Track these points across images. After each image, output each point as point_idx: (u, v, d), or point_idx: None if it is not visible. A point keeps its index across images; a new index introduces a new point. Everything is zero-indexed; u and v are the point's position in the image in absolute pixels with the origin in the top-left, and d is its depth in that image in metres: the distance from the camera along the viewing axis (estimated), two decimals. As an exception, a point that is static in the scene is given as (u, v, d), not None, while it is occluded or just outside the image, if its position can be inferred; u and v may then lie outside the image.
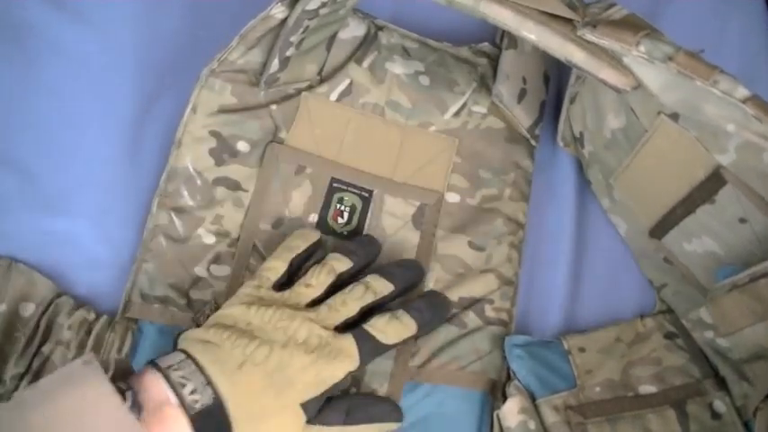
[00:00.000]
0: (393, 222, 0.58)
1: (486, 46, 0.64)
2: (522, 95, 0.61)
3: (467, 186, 0.60)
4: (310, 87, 0.60)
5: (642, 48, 0.45)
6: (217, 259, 0.55)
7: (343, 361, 0.47)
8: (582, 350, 0.56)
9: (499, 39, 0.64)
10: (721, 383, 0.54)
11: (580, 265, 0.61)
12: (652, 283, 0.60)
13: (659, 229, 0.56)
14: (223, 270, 0.55)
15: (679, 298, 0.57)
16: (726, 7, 0.71)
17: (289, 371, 0.45)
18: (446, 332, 0.55)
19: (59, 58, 0.61)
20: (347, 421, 0.48)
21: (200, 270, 0.55)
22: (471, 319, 0.56)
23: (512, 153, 0.61)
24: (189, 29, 0.64)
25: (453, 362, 0.55)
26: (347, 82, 0.60)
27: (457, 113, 0.61)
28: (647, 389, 0.54)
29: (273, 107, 0.59)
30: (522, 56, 0.61)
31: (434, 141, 0.60)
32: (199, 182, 0.56)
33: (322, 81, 0.60)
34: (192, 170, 0.56)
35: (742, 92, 0.43)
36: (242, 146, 0.57)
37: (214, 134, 0.57)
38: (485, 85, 0.62)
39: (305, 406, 0.45)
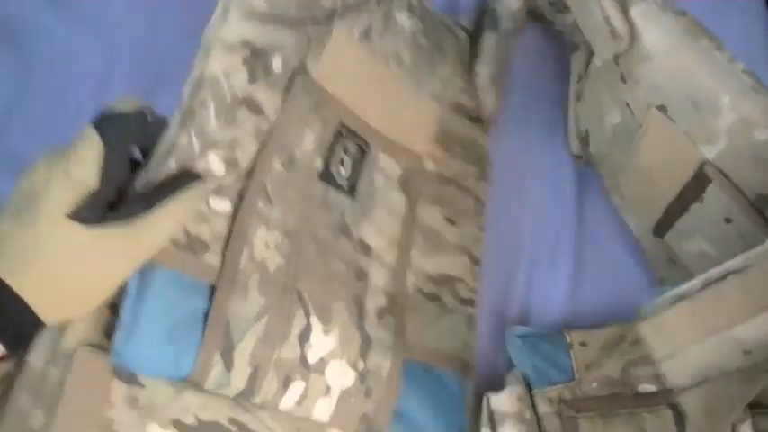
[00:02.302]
0: (383, 182, 0.55)
1: (464, 18, 0.65)
2: (496, 79, 0.62)
3: (444, 157, 0.60)
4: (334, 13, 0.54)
5: None
6: (218, 191, 0.46)
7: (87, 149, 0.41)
8: (583, 344, 0.55)
9: (478, 18, 0.64)
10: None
11: (580, 266, 0.61)
12: (663, 282, 0.59)
13: (660, 228, 0.56)
14: (223, 205, 0.46)
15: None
16: (726, 7, 0.71)
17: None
18: (428, 311, 0.55)
19: (59, 58, 0.62)
20: (149, 204, 0.40)
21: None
22: (448, 299, 0.56)
23: (476, 133, 0.62)
24: (188, 29, 0.64)
25: (433, 340, 0.54)
26: (367, 23, 0.57)
27: (442, 82, 0.61)
28: (647, 388, 0.54)
29: (310, 28, 0.53)
30: (502, 40, 0.62)
31: (423, 105, 0.60)
32: (228, 96, 0.47)
33: (346, 10, 0.55)
34: (222, 81, 0.47)
35: (740, 65, 0.45)
36: (276, 64, 0.50)
37: (247, 44, 0.49)
38: (464, 60, 0.63)
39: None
